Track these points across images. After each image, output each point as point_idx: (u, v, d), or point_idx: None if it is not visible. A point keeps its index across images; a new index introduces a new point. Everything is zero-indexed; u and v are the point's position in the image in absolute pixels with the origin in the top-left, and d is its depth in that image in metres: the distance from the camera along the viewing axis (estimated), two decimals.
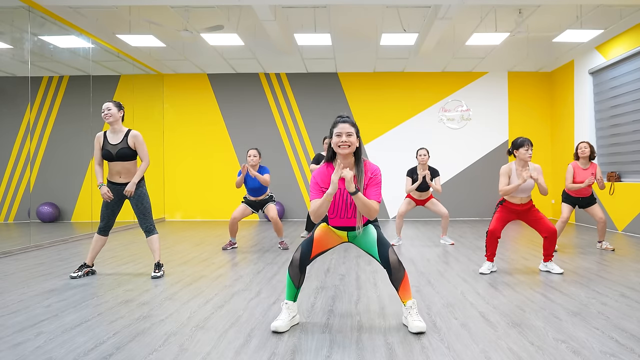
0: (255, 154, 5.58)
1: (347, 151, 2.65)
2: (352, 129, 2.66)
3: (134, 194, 4.13)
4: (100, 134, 4.20)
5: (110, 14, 6.69)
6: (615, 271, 4.31)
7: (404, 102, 9.94)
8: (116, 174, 4.13)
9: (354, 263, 4.79)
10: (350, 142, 2.64)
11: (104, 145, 4.12)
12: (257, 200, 5.70)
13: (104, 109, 4.09)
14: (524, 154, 4.11)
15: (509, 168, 4.20)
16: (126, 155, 4.08)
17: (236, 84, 10.04)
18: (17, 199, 9.40)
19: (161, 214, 9.99)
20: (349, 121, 2.69)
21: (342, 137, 2.64)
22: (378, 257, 2.74)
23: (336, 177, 2.57)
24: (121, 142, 4.09)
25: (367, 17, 6.82)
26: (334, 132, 2.67)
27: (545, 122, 9.99)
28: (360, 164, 2.72)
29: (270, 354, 2.34)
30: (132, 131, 4.15)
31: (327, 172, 2.76)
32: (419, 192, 5.96)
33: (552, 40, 7.80)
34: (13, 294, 3.60)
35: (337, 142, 2.65)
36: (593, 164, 5.37)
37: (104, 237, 4.27)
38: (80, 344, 2.49)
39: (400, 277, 2.72)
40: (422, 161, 5.89)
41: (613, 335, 2.58)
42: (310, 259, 2.77)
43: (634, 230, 7.03)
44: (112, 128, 4.14)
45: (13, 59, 8.28)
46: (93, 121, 8.17)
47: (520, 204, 4.22)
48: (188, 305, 3.25)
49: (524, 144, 4.12)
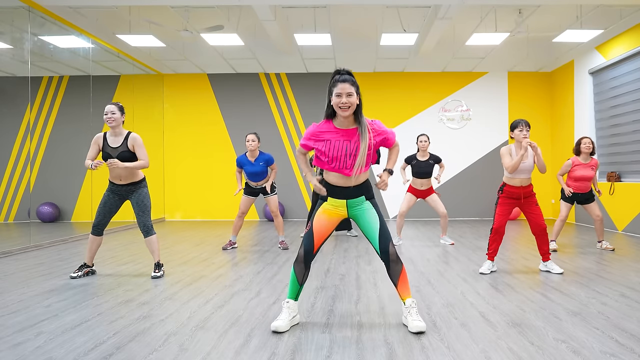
0: (254, 138, 5.50)
1: (347, 113, 2.59)
2: (353, 88, 2.58)
3: (136, 193, 4.14)
4: (100, 135, 4.18)
5: (110, 14, 6.69)
6: (615, 271, 4.31)
7: (404, 102, 9.94)
8: (117, 177, 4.13)
9: (354, 263, 4.79)
10: (350, 102, 2.57)
11: (104, 147, 4.12)
12: (258, 185, 5.66)
13: (108, 111, 4.06)
14: (519, 134, 4.12)
15: (508, 148, 4.25)
16: (126, 158, 4.08)
17: (236, 84, 10.05)
18: (17, 199, 9.40)
19: (161, 214, 9.99)
20: (349, 80, 2.58)
21: (343, 98, 2.56)
22: (378, 247, 2.72)
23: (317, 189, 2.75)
24: (121, 146, 4.09)
25: (367, 17, 6.82)
26: (334, 92, 2.59)
27: (545, 122, 9.99)
28: (361, 119, 2.67)
29: (270, 354, 2.34)
30: (131, 134, 4.14)
31: (324, 127, 2.72)
32: (419, 179, 5.89)
33: (552, 40, 7.80)
34: (13, 294, 3.60)
35: (337, 103, 2.58)
36: (593, 159, 5.45)
37: (99, 237, 4.22)
38: (80, 344, 2.49)
39: (399, 271, 2.72)
40: (422, 147, 5.87)
41: (613, 335, 2.58)
42: (315, 252, 2.75)
43: (634, 230, 7.03)
44: (113, 131, 4.13)
45: (13, 59, 8.28)
46: (93, 121, 8.17)
47: (520, 186, 4.20)
48: (188, 305, 3.25)
49: (519, 124, 4.14)
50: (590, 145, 5.37)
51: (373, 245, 2.77)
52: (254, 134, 5.57)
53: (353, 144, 2.65)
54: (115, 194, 4.17)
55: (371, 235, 2.75)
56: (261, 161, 5.52)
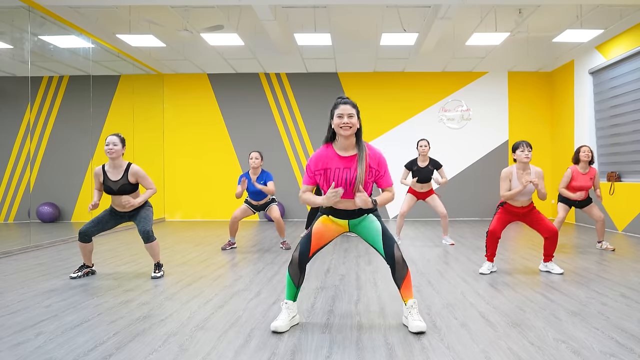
0: (257, 156, 5.58)
1: (348, 132, 2.65)
2: (353, 110, 2.67)
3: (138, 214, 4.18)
4: (99, 169, 4.13)
5: (110, 14, 6.69)
6: (615, 271, 4.31)
7: (404, 102, 9.94)
8: (119, 205, 4.15)
9: (354, 263, 4.79)
10: (351, 123, 2.64)
11: (105, 180, 4.09)
12: (259, 204, 5.73)
13: (109, 142, 4.02)
14: (520, 155, 4.13)
15: (509, 172, 4.20)
16: (127, 191, 4.09)
17: (236, 84, 10.04)
18: (17, 199, 9.40)
19: (161, 214, 9.99)
20: (350, 102, 2.69)
21: (344, 119, 2.63)
22: (383, 251, 2.73)
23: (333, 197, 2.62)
24: (122, 179, 4.07)
25: (367, 17, 6.82)
26: (335, 114, 2.67)
27: (545, 122, 9.98)
28: (361, 143, 2.73)
29: (270, 354, 2.34)
30: (131, 167, 4.10)
31: (324, 154, 2.75)
32: (419, 183, 5.90)
33: (552, 40, 7.80)
34: (13, 294, 3.60)
35: (338, 124, 2.65)
36: (592, 169, 5.43)
37: (88, 244, 4.13)
38: (80, 344, 2.49)
39: (404, 275, 2.72)
40: (422, 152, 5.87)
41: (613, 335, 2.58)
42: (310, 256, 2.76)
43: (634, 230, 7.03)
44: (112, 163, 4.09)
45: (13, 59, 8.28)
46: (93, 121, 8.18)
47: (521, 207, 4.22)
48: (188, 305, 3.25)
49: (520, 145, 4.14)
50: (589, 153, 5.34)
51: (378, 251, 2.78)
52: (258, 152, 5.65)
53: (352, 172, 2.69)
54: (117, 215, 4.20)
55: (375, 243, 2.77)
56: (262, 180, 5.55)
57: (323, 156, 2.75)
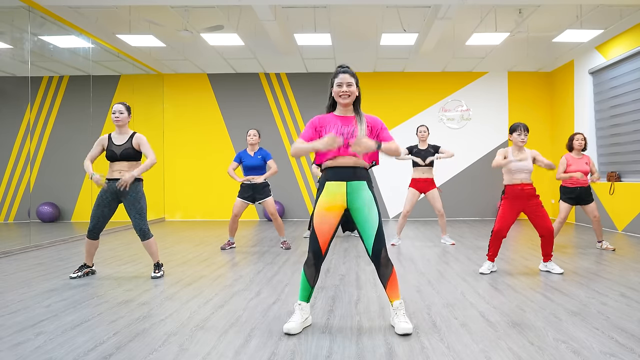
0: (255, 133, 5.73)
1: (347, 101, 2.73)
2: (352, 79, 2.74)
3: (130, 192, 4.04)
4: (105, 136, 4.19)
5: (110, 14, 6.69)
6: (615, 271, 4.31)
7: (404, 102, 9.94)
8: (116, 172, 4.09)
9: (354, 263, 4.79)
10: (350, 91, 2.72)
11: (109, 146, 4.12)
12: (252, 184, 5.60)
13: (115, 110, 4.11)
14: (517, 138, 4.19)
15: (505, 150, 4.30)
16: (130, 155, 4.09)
17: (236, 84, 10.04)
18: (17, 199, 9.40)
19: (161, 214, 9.99)
20: (349, 71, 2.75)
21: (343, 87, 2.71)
22: (370, 248, 2.70)
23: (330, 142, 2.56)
24: (126, 143, 4.12)
25: (367, 17, 6.82)
26: (335, 82, 2.74)
27: (545, 122, 9.99)
28: (359, 111, 2.81)
29: (270, 354, 2.34)
30: (136, 134, 4.17)
31: (326, 117, 2.83)
32: (421, 167, 5.89)
33: (552, 40, 7.80)
34: (13, 294, 3.60)
35: (338, 92, 2.73)
36: (585, 155, 5.55)
37: (96, 241, 4.18)
38: (80, 344, 2.49)
39: (388, 274, 2.72)
40: (422, 138, 5.93)
41: (613, 335, 2.58)
42: (323, 253, 2.71)
43: (634, 230, 7.03)
44: (119, 130, 4.17)
45: (13, 59, 8.28)
46: (93, 121, 8.18)
47: (521, 184, 4.19)
48: (188, 305, 3.25)
49: (517, 128, 4.20)
50: (582, 142, 5.47)
51: (365, 245, 2.73)
52: (256, 129, 5.80)
53: (350, 128, 2.74)
54: (109, 192, 4.07)
55: (367, 235, 2.71)
56: (260, 154, 5.67)
57: (325, 118, 2.83)
